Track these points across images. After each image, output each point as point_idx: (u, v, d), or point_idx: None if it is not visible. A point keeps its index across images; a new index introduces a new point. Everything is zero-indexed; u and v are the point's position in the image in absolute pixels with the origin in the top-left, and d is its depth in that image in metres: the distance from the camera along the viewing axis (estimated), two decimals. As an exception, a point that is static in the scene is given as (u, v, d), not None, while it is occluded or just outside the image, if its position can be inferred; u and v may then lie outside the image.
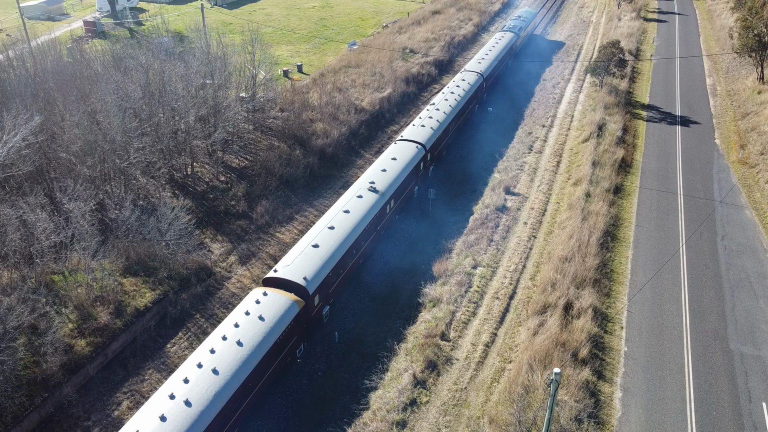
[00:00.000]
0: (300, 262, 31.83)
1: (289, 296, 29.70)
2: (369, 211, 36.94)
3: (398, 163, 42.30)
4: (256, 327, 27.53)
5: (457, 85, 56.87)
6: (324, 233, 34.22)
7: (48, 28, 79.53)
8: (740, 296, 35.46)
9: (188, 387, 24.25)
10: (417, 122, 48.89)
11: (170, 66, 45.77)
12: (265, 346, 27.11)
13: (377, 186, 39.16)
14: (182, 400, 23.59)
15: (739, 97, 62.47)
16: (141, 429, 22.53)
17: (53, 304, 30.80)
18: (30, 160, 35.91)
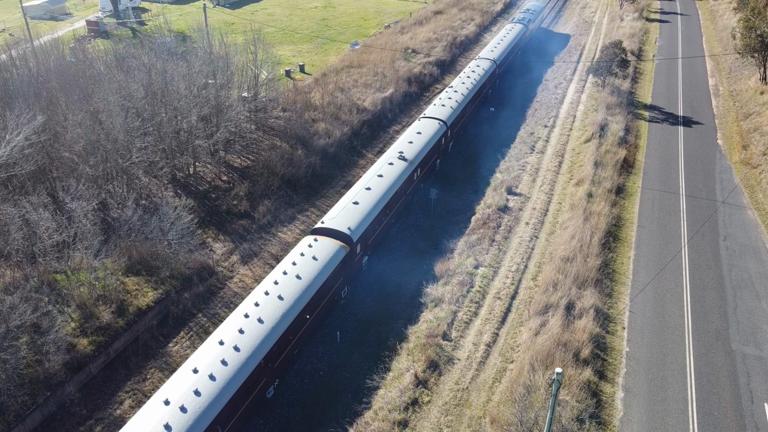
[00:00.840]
0: (343, 216, 36.25)
1: (336, 242, 34.04)
2: (400, 176, 41.55)
3: (423, 136, 46.61)
4: (310, 265, 32.01)
5: (472, 70, 61.08)
6: (362, 193, 38.66)
7: (51, 28, 79.72)
8: (742, 297, 35.44)
9: (259, 309, 28.69)
10: (437, 102, 53.18)
11: (173, 66, 45.85)
12: (319, 281, 31.55)
13: (406, 155, 43.51)
14: (255, 318, 28.17)
15: (742, 98, 62.40)
16: (225, 338, 26.84)
17: (56, 303, 30.86)
18: (33, 159, 36.00)
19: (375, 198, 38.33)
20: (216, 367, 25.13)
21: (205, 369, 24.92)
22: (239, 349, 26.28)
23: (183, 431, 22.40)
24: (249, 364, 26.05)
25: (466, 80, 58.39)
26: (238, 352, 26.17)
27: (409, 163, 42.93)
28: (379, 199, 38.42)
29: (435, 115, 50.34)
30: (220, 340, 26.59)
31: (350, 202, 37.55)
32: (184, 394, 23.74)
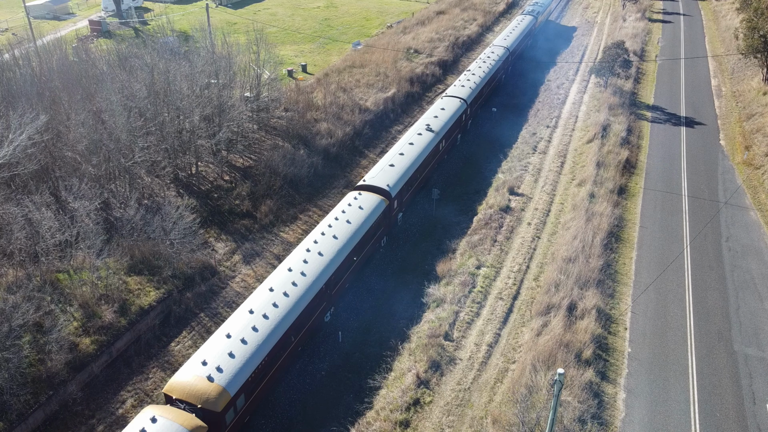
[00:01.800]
0: (382, 175, 41.20)
1: (378, 196, 39.18)
2: (428, 144, 46.14)
3: (446, 112, 51.26)
4: (357, 213, 37.05)
5: (487, 56, 66.29)
6: (397, 157, 43.53)
7: (53, 28, 79.88)
8: (745, 298, 35.39)
9: (317, 245, 33.75)
10: (458, 83, 58.09)
11: (175, 65, 45.88)
12: (366, 227, 36.53)
13: (432, 127, 48.15)
14: (316, 252, 33.09)
15: (745, 99, 62.31)
16: (293, 266, 31.77)
17: (58, 303, 30.92)
18: (35, 158, 36.06)
19: (408, 162, 43.11)
20: (288, 287, 30.49)
21: (279, 288, 30.20)
22: (305, 274, 31.43)
23: (267, 330, 27.79)
24: (313, 288, 31.11)
25: (483, 65, 62.90)
26: (305, 276, 31.25)
27: (436, 134, 47.66)
28: (411, 163, 43.20)
29: (456, 94, 55.10)
30: (289, 267, 31.84)
31: (387, 165, 42.44)
32: (264, 305, 29.13)
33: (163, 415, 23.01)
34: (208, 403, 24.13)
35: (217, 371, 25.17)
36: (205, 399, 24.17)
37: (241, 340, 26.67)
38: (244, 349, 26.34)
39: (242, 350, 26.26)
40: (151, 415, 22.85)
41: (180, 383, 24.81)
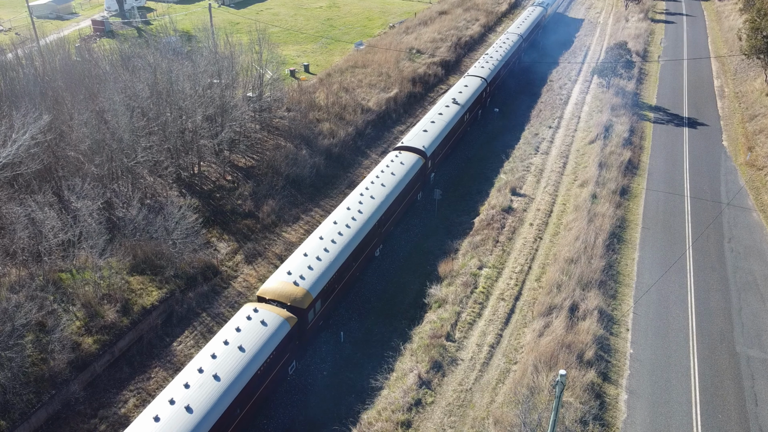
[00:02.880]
0: (417, 138, 46.81)
1: (415, 154, 44.65)
2: (455, 115, 51.80)
3: (469, 89, 57.00)
4: (399, 167, 42.50)
5: (503, 42, 72.09)
6: (429, 125, 49.00)
7: (56, 27, 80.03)
8: (747, 299, 35.34)
9: (369, 191, 39.21)
10: (477, 64, 64.44)
11: (178, 65, 45.96)
12: (407, 179, 41.88)
13: (458, 101, 53.75)
14: (369, 195, 38.80)
15: (747, 99, 62.22)
16: (351, 205, 37.68)
17: (61, 302, 31.00)
18: (39, 158, 36.14)
19: (438, 129, 48.69)
20: (349, 221, 35.80)
21: (341, 222, 35.69)
22: (362, 212, 36.97)
23: (336, 252, 33.25)
24: (368, 224, 36.23)
25: (499, 49, 69.13)
26: (361, 214, 36.87)
27: (461, 106, 53.14)
28: (441, 130, 48.74)
29: (477, 74, 61.07)
30: (348, 206, 37.26)
31: (421, 130, 48.13)
32: (331, 233, 34.49)
33: (261, 308, 29.05)
34: (296, 301, 30.05)
35: (301, 278, 31.08)
36: (293, 298, 30.15)
37: (316, 257, 32.55)
38: (318, 264, 32.23)
39: (318, 265, 32.15)
40: (252, 308, 28.92)
41: (271, 288, 30.77)
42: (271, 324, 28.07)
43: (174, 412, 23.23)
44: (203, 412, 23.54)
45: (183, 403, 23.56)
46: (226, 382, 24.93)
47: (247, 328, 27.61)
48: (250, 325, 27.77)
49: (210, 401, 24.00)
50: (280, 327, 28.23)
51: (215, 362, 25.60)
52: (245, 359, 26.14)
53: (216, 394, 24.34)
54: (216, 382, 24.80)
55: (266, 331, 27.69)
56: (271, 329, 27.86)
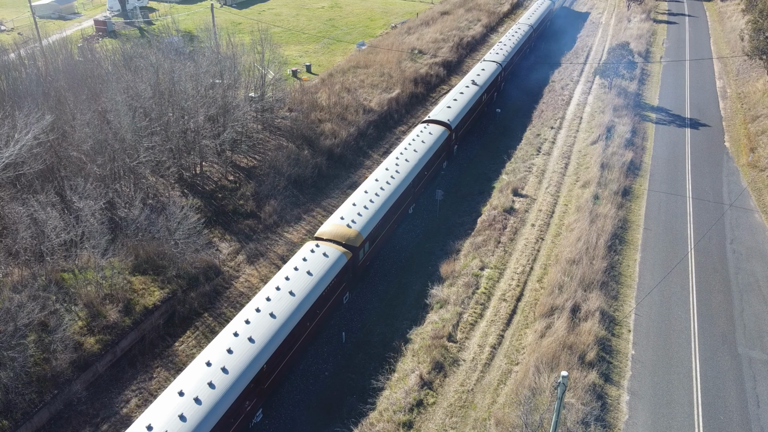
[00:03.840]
0: (442, 113, 51.72)
1: (442, 127, 49.42)
2: (475, 94, 56.76)
3: (486, 72, 61.73)
4: (428, 137, 47.36)
5: (515, 31, 76.95)
6: (452, 102, 53.96)
7: (59, 27, 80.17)
8: (749, 300, 35.31)
9: (404, 155, 44.27)
10: (493, 51, 68.79)
11: (180, 65, 46.01)
12: (434, 148, 46.64)
13: (477, 82, 58.81)
14: (404, 159, 43.76)
15: (750, 100, 62.15)
16: (388, 167, 42.69)
17: (63, 302, 31.06)
18: (41, 158, 36.21)
19: (461, 104, 53.73)
20: (389, 179, 41.00)
21: (381, 179, 40.83)
22: (399, 172, 42.21)
23: (380, 203, 38.54)
24: (404, 182, 41.63)
25: (511, 38, 73.97)
26: (399, 173, 41.98)
27: (479, 87, 58.00)
28: (464, 105, 53.76)
29: (492, 59, 65.70)
30: (386, 167, 42.53)
31: (445, 106, 53.07)
32: (374, 188, 39.83)
33: (321, 245, 33.81)
34: (350, 240, 34.98)
35: (352, 222, 36.08)
36: (348, 238, 35.07)
37: (363, 206, 37.64)
38: (366, 212, 37.21)
39: (365, 213, 37.15)
40: (314, 245, 33.78)
41: (327, 230, 35.84)
42: (331, 256, 33.06)
43: (259, 318, 28.29)
44: (283, 319, 28.58)
45: (267, 311, 28.66)
46: (299, 298, 29.90)
47: (312, 259, 32.50)
48: (314, 257, 32.68)
49: (288, 312, 29.00)
50: (339, 259, 33.24)
51: (288, 283, 30.66)
52: (313, 281, 31.11)
53: (292, 307, 29.34)
54: (291, 297, 29.88)
55: (327, 261, 32.66)
56: (332, 260, 32.84)
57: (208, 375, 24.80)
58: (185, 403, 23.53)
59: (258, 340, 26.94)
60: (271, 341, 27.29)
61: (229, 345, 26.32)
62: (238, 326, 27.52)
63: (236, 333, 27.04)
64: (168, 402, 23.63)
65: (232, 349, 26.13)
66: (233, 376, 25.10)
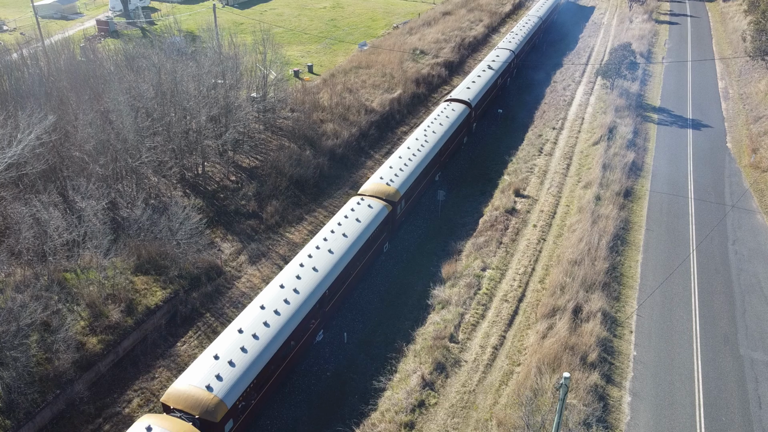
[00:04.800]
0: (463, 93, 56.59)
1: (463, 105, 54.19)
2: (491, 77, 61.68)
3: (500, 58, 66.45)
4: (451, 113, 52.43)
5: (525, 23, 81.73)
6: (471, 83, 59.13)
7: (61, 27, 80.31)
8: (751, 301, 35.29)
9: (431, 128, 49.24)
10: (505, 39, 73.34)
11: (182, 66, 46.06)
12: (454, 126, 51.06)
13: (492, 66, 63.81)
14: (431, 131, 48.68)
15: (752, 101, 62.09)
16: (418, 137, 47.59)
17: (65, 302, 31.10)
18: (44, 158, 36.27)
19: (480, 86, 58.83)
20: (420, 147, 46.11)
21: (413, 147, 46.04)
22: (428, 141, 47.14)
23: (412, 167, 43.71)
24: (432, 151, 46.50)
25: (522, 28, 78.51)
26: (427, 142, 46.94)
27: (495, 71, 62.95)
28: (482, 86, 58.89)
29: (506, 47, 70.12)
30: (416, 138, 47.59)
31: (465, 87, 58.15)
32: (407, 154, 45.09)
33: (365, 199, 39.19)
34: (390, 196, 39.99)
35: (390, 181, 41.03)
36: (388, 194, 40.04)
37: (399, 168, 42.75)
38: (401, 173, 42.28)
39: (400, 174, 42.23)
40: (359, 198, 39.39)
41: (369, 188, 40.79)
42: (375, 207, 38.35)
43: (320, 254, 33.40)
44: (339, 255, 33.60)
45: (326, 248, 33.80)
46: (351, 240, 35.04)
47: (359, 209, 37.71)
48: (360, 208, 37.94)
49: (342, 249, 34.08)
50: (382, 210, 38.49)
51: (340, 228, 35.74)
52: (361, 227, 36.25)
53: (345, 246, 34.43)
54: (344, 238, 34.94)
55: (372, 212, 37.85)
56: (375, 211, 38.10)
57: (283, 294, 30.07)
58: (266, 314, 28.67)
59: (320, 270, 32.18)
60: (330, 272, 32.40)
61: (297, 273, 31.57)
62: (303, 259, 32.78)
63: (302, 264, 32.39)
64: (252, 313, 28.75)
65: (300, 275, 31.43)
66: (303, 296, 30.33)
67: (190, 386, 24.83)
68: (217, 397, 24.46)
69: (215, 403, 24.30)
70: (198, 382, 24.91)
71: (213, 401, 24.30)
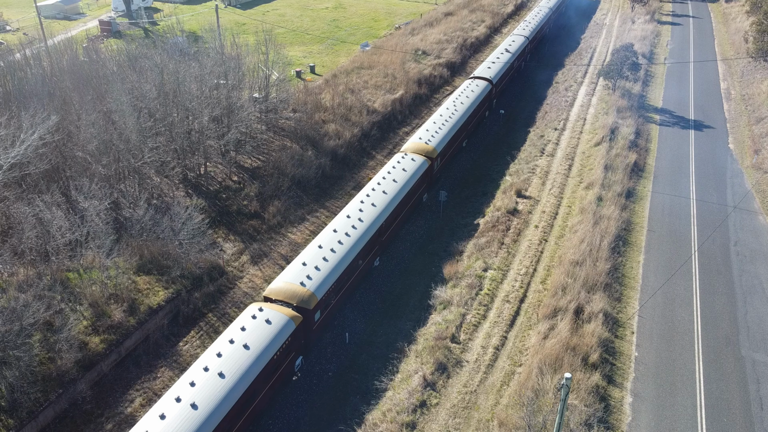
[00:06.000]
0: (484, 72, 62.73)
1: (485, 81, 59.83)
2: (509, 59, 67.16)
3: (515, 43, 71.98)
4: (476, 88, 57.79)
5: (536, 13, 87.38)
6: (491, 63, 65.14)
7: (64, 27, 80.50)
8: (753, 303, 35.28)
9: (459, 100, 55.01)
10: (521, 26, 79.77)
11: (185, 66, 46.15)
12: (478, 100, 56.57)
13: (509, 50, 69.35)
14: (459, 102, 54.58)
15: (754, 102, 62.04)
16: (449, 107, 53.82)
17: (68, 302, 31.20)
18: (47, 158, 36.38)
19: (499, 66, 64.36)
20: (450, 114, 52.16)
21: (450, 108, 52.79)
22: (457, 110, 52.87)
23: (453, 120, 51.40)
24: (460, 120, 51.78)
25: (535, 17, 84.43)
26: (456, 112, 52.66)
27: (512, 54, 68.58)
28: (501, 66, 64.55)
29: (521, 33, 76.00)
30: (446, 107, 53.56)
31: (485, 67, 64.25)
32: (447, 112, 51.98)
33: (408, 154, 45.12)
34: (429, 152, 46.14)
35: (429, 140, 47.34)
36: (427, 151, 46.33)
37: (435, 131, 48.98)
38: (436, 134, 48.21)
39: (435, 135, 48.07)
40: (401, 155, 44.83)
41: (411, 146, 47.19)
42: (417, 161, 43.89)
43: (377, 195, 39.42)
44: (391, 196, 39.69)
45: (380, 190, 39.80)
46: (399, 184, 40.90)
47: (404, 162, 43.59)
48: (405, 161, 43.68)
49: (394, 192, 40.10)
50: (423, 163, 44.03)
51: (391, 175, 41.65)
52: (407, 175, 42.00)
53: (396, 189, 40.49)
54: (395, 183, 40.93)
55: (415, 164, 43.58)
56: (417, 164, 43.61)
57: (350, 222, 36.13)
58: (339, 235, 34.68)
59: (378, 205, 38.32)
60: (385, 208, 38.47)
61: (359, 207, 37.80)
62: (362, 197, 38.86)
63: (362, 201, 38.54)
64: (327, 234, 35.05)
65: (362, 209, 37.50)
66: (366, 224, 36.40)
67: (286, 283, 31.24)
68: (310, 291, 30.72)
69: (309, 294, 30.56)
70: (293, 279, 31.33)
71: (307, 293, 30.57)
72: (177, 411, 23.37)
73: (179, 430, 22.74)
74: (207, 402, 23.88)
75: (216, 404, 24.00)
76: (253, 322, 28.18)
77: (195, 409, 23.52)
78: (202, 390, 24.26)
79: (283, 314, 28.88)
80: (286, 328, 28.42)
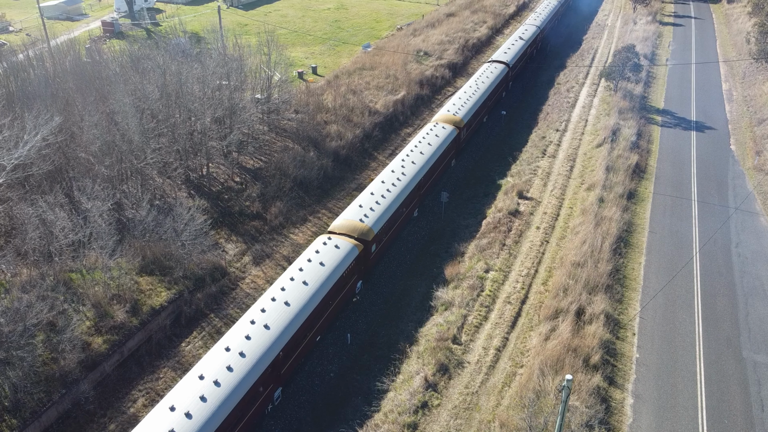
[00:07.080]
0: (501, 56, 67.91)
1: (502, 65, 64.87)
2: (522, 46, 72.12)
3: (528, 33, 76.76)
4: (494, 70, 63.11)
5: (546, 5, 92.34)
6: (507, 49, 70.19)
7: (67, 28, 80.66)
8: (754, 304, 35.31)
9: (476, 82, 59.16)
10: (531, 18, 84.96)
11: (187, 67, 46.27)
12: (498, 80, 61.86)
13: (523, 37, 74.68)
14: (479, 83, 59.17)
15: (756, 103, 62.05)
16: (466, 91, 56.57)
17: (71, 302, 31.31)
18: (50, 159, 36.51)
19: (514, 52, 69.15)
20: (473, 91, 56.71)
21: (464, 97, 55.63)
22: (480, 88, 57.85)
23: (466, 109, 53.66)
24: (482, 97, 56.67)
25: (545, 8, 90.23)
26: (479, 89, 57.64)
27: (525, 41, 73.53)
28: (516, 51, 69.47)
29: (532, 23, 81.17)
30: (470, 86, 58.13)
31: (502, 52, 69.00)
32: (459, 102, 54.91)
33: (438, 123, 50.18)
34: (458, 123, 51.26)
35: (457, 112, 52.14)
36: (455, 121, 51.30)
37: (462, 103, 54.16)
38: (464, 107, 53.40)
39: (463, 107, 53.24)
40: (431, 125, 49.56)
41: (441, 117, 51.96)
42: (447, 129, 49.09)
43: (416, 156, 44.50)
44: (427, 158, 44.86)
45: (409, 161, 43.65)
46: (426, 156, 44.91)
47: (435, 129, 48.50)
48: (437, 128, 48.63)
49: (425, 157, 44.77)
50: (452, 132, 49.11)
51: (418, 147, 45.73)
52: (432, 149, 45.94)
53: (429, 153, 45.40)
54: (421, 155, 44.83)
55: (445, 132, 48.65)
56: (447, 132, 48.79)
57: (394, 176, 41.33)
58: (387, 185, 40.18)
59: (417, 163, 43.73)
60: (422, 167, 43.65)
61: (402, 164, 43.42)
62: (404, 156, 44.46)
63: (403, 159, 43.92)
64: (377, 183, 40.68)
65: (404, 165, 43.25)
66: (407, 178, 41.65)
67: (347, 220, 36.45)
68: (368, 226, 35.94)
69: (367, 229, 35.80)
70: (353, 217, 36.64)
71: (366, 228, 35.81)
72: (273, 306, 28.96)
73: (277, 321, 28.13)
74: (295, 302, 29.46)
75: (301, 306, 29.43)
76: (325, 247, 33.42)
77: (288, 306, 29.17)
78: (291, 293, 29.81)
79: (348, 242, 34.26)
80: (351, 253, 33.72)
